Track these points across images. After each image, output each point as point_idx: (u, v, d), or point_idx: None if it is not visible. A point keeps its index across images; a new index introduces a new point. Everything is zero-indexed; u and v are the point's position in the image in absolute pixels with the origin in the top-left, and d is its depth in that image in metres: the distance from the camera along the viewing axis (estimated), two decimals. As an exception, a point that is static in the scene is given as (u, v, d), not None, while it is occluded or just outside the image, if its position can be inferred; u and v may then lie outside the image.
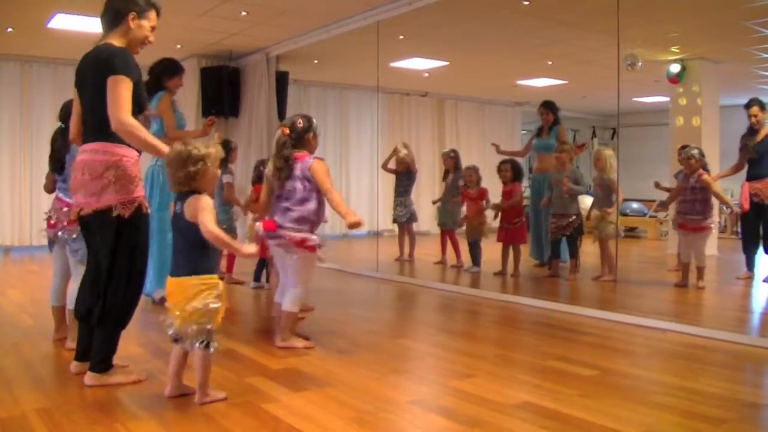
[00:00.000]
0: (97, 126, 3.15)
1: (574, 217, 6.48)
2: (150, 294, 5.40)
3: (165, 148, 3.13)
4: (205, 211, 2.89)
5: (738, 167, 6.50)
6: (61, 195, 4.01)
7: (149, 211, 3.28)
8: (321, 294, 5.87)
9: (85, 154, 3.17)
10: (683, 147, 6.32)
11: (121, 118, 3.04)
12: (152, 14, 3.31)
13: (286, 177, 3.97)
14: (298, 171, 3.96)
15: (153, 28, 3.34)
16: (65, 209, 3.90)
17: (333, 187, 3.98)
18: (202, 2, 6.62)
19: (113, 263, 3.15)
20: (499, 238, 6.89)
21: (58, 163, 4.00)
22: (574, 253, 6.62)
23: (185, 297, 2.90)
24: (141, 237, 3.23)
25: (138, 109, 3.18)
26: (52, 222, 4.01)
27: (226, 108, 9.31)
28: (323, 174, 3.95)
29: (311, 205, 3.95)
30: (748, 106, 6.33)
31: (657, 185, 6.56)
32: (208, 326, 2.92)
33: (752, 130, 6.33)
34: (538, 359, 3.82)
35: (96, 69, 3.14)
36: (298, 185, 3.95)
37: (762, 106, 6.30)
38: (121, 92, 3.05)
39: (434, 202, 8.17)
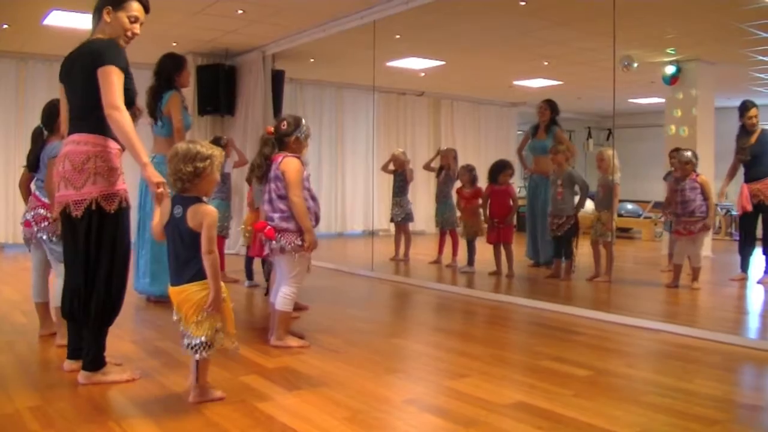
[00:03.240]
0: (81, 117, 3.15)
1: (565, 218, 6.49)
2: (145, 292, 5.39)
3: (145, 156, 3.06)
4: (212, 229, 2.87)
5: (734, 170, 6.51)
6: (37, 193, 4.02)
7: (130, 205, 3.24)
8: (316, 293, 5.87)
9: (68, 145, 3.14)
10: (676, 150, 6.35)
11: (115, 103, 3.01)
12: (131, 5, 3.23)
13: (262, 175, 3.98)
14: (272, 172, 3.95)
15: (135, 19, 3.25)
16: (41, 210, 3.90)
17: (300, 194, 3.87)
18: (198, 0, 6.61)
19: (96, 258, 3.11)
20: (489, 239, 6.90)
21: (35, 160, 4.02)
22: (568, 254, 6.61)
23: (193, 305, 2.87)
24: (122, 232, 3.19)
25: (126, 103, 3.14)
26: (28, 221, 4.01)
27: (221, 106, 9.30)
28: (292, 174, 3.86)
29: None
30: (747, 108, 6.32)
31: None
32: (213, 329, 2.91)
33: (747, 132, 6.34)
34: (532, 359, 3.83)
35: (85, 60, 3.12)
36: (273, 186, 3.94)
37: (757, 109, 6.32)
38: (113, 81, 3.03)
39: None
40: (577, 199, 6.53)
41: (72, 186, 3.08)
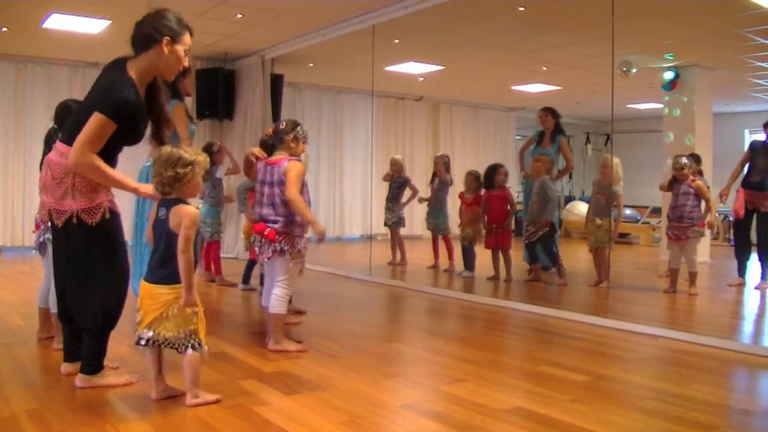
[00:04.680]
0: (72, 130, 3.08)
1: (539, 226, 6.53)
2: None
3: (131, 183, 3.11)
4: (189, 229, 2.87)
5: (740, 168, 6.53)
6: None
7: (118, 211, 3.20)
8: (314, 297, 5.87)
9: (53, 153, 3.12)
10: (676, 157, 6.38)
11: (78, 154, 2.92)
12: (186, 37, 3.15)
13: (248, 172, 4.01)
14: (275, 176, 3.95)
15: (188, 51, 3.19)
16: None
17: (296, 191, 3.87)
18: (198, 4, 6.62)
19: (86, 270, 3.10)
20: (488, 245, 6.92)
21: None
22: (553, 260, 6.64)
23: (155, 304, 2.90)
24: (111, 241, 3.16)
25: (131, 141, 3.14)
26: (38, 223, 4.02)
27: (220, 110, 9.30)
28: (293, 176, 3.87)
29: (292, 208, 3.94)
30: None
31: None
32: (191, 327, 2.92)
33: (764, 147, 6.39)
34: (529, 364, 3.83)
35: (97, 90, 3.09)
36: (277, 190, 3.94)
37: None
38: (93, 131, 2.94)
39: (421, 201, 8.10)
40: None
41: (51, 196, 3.08)
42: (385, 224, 8.19)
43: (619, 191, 6.27)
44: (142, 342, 2.94)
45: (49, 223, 3.83)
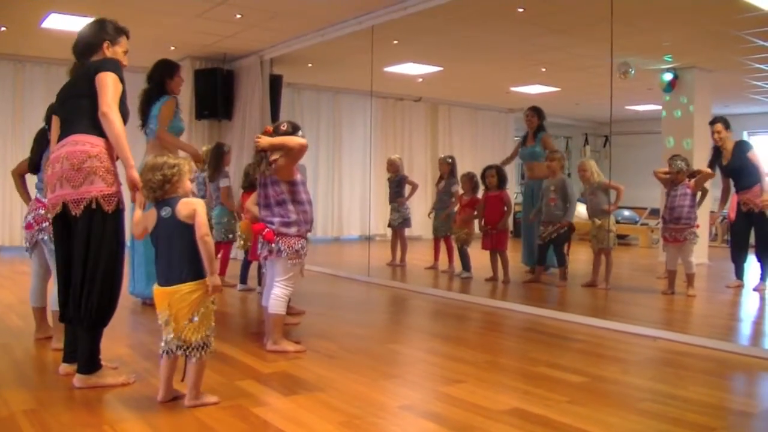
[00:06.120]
0: (79, 120, 3.20)
1: (558, 225, 6.53)
2: (141, 296, 5.38)
3: (132, 158, 3.15)
4: (203, 215, 2.92)
5: (727, 188, 6.55)
6: (38, 195, 4.04)
7: (125, 206, 3.27)
8: (312, 298, 5.87)
9: (64, 147, 3.16)
10: (673, 157, 6.39)
11: (109, 104, 3.12)
12: (123, 39, 3.47)
13: (254, 172, 4.04)
14: (268, 177, 3.97)
15: (126, 51, 3.47)
16: (42, 210, 3.91)
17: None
18: (197, 4, 6.62)
19: (95, 258, 3.12)
20: (485, 246, 6.92)
21: (36, 163, 4.06)
22: (561, 261, 6.65)
23: (185, 306, 2.88)
24: (119, 232, 3.22)
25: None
26: (30, 223, 4.03)
27: (219, 110, 9.29)
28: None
29: (289, 207, 3.94)
30: (712, 123, 6.40)
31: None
32: (209, 330, 2.93)
33: (718, 149, 6.40)
34: (527, 365, 3.83)
35: (86, 73, 3.25)
36: (271, 191, 3.96)
37: (726, 124, 6.37)
38: (109, 84, 3.15)
39: (429, 214, 8.10)
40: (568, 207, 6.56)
41: (69, 185, 3.10)
42: (389, 225, 8.19)
43: (605, 181, 6.32)
44: (178, 351, 2.92)
45: (45, 224, 3.86)
